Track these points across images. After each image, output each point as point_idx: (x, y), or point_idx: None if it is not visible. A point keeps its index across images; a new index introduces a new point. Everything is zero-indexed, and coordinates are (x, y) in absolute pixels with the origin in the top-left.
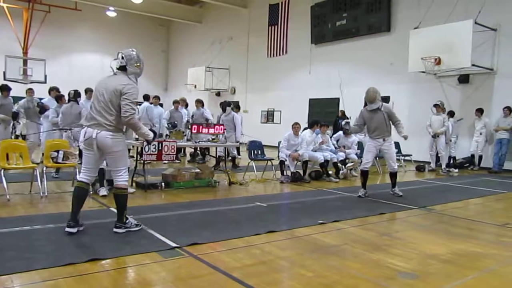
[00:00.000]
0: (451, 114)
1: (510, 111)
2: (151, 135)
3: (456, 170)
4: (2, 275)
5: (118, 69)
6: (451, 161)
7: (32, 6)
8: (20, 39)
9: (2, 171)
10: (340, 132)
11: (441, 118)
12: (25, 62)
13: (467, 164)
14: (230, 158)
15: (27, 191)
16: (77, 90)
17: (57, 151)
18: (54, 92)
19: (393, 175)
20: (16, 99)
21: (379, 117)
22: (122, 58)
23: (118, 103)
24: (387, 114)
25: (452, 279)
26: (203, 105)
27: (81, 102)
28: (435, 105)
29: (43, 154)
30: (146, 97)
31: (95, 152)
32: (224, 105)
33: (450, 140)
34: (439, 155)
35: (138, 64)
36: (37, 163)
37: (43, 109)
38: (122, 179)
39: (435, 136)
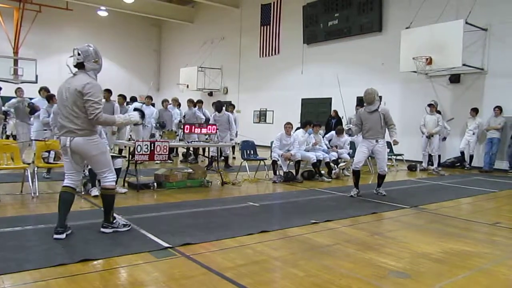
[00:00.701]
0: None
1: (501, 110)
2: (135, 116)
3: (436, 167)
4: None
5: (75, 66)
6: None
7: (23, 5)
8: (11, 38)
9: None
10: (333, 132)
11: (435, 117)
12: (15, 62)
13: (458, 164)
14: (222, 158)
15: (18, 192)
16: None
17: (49, 151)
18: (44, 92)
19: (382, 177)
20: (7, 99)
21: (375, 118)
22: (79, 54)
23: (83, 105)
24: (383, 116)
25: (443, 278)
26: (195, 105)
27: None
28: (429, 105)
29: (34, 154)
30: (134, 98)
31: (73, 158)
32: (218, 105)
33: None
34: (431, 154)
35: (97, 59)
36: (28, 163)
37: (33, 109)
38: (108, 180)
39: (429, 136)
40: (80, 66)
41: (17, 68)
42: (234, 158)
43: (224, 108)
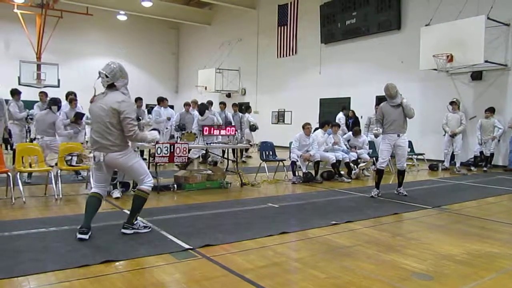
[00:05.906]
0: None
1: None
2: (156, 135)
3: (459, 166)
4: (19, 276)
5: (106, 88)
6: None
7: (45, 12)
8: (34, 44)
9: (18, 174)
10: (350, 133)
11: (458, 116)
12: (38, 67)
13: (481, 163)
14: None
15: (42, 194)
16: (57, 98)
17: (71, 154)
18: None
19: (401, 173)
20: (31, 103)
21: (399, 112)
22: (107, 76)
23: (118, 121)
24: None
25: (468, 280)
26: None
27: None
28: (451, 103)
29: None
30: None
31: (105, 172)
32: (201, 109)
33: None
34: (454, 153)
35: (123, 76)
36: (52, 166)
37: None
38: (146, 184)
39: (453, 135)
40: (111, 86)
41: (40, 73)
42: (249, 155)
43: (207, 111)
